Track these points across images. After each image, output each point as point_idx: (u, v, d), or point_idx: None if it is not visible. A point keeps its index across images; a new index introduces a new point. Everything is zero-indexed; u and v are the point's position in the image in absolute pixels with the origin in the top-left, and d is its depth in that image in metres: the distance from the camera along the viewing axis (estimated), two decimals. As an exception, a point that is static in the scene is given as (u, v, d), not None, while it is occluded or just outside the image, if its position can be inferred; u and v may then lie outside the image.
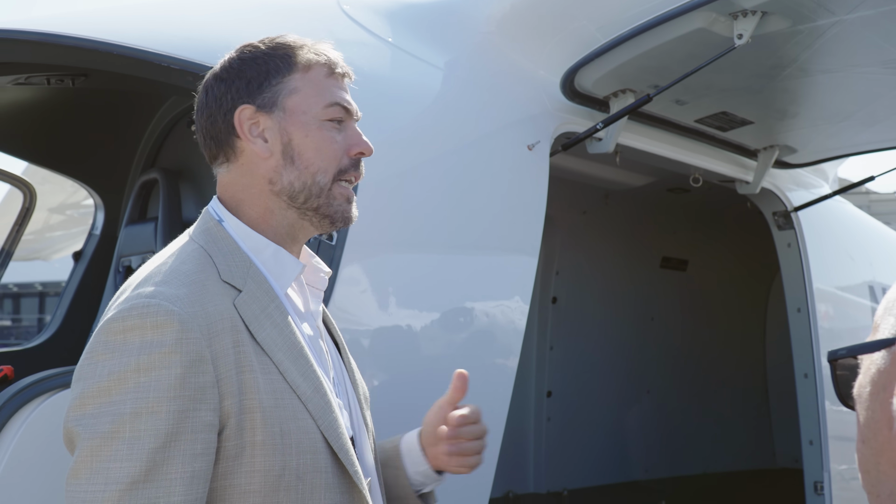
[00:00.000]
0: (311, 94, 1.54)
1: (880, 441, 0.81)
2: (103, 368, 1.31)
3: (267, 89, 1.53)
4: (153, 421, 1.29)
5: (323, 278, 1.64)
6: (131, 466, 1.27)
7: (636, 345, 5.35)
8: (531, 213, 2.86)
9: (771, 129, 3.68)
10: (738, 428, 5.81)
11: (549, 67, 2.99)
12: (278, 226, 1.55)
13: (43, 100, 3.13)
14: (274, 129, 1.53)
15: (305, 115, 1.54)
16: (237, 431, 1.35)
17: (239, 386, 1.36)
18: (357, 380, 1.69)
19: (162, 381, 1.30)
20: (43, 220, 5.55)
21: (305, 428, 1.41)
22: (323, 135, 1.54)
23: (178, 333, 1.32)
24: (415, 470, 1.75)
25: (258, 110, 1.53)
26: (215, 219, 1.53)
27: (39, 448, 2.03)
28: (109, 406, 1.29)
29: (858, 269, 4.84)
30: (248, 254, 1.50)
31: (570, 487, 4.93)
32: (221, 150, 1.56)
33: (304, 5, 2.93)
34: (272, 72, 1.54)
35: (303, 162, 1.53)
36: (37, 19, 2.60)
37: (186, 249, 1.48)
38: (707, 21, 2.58)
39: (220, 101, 1.55)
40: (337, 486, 1.44)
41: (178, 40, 2.43)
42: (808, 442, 3.95)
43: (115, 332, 1.33)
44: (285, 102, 1.53)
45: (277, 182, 1.53)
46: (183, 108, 3.16)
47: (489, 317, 2.74)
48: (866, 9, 2.42)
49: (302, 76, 1.55)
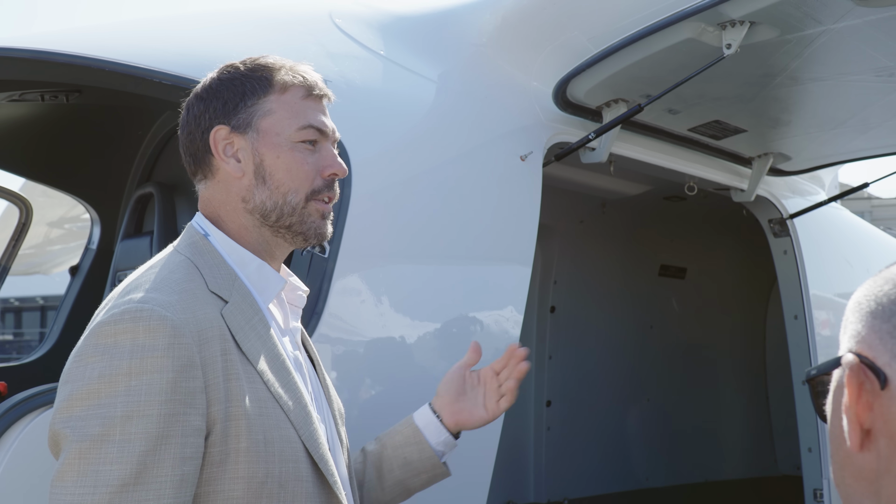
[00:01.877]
0: (284, 117, 1.57)
1: (842, 456, 0.83)
2: (93, 371, 1.33)
3: (242, 110, 1.56)
4: (144, 424, 1.30)
5: (301, 296, 1.68)
6: (121, 469, 1.28)
7: (635, 353, 5.35)
8: (525, 223, 2.87)
9: (764, 137, 3.69)
10: (739, 435, 5.80)
11: (541, 78, 3.01)
12: (255, 242, 1.58)
13: (38, 116, 3.15)
14: (247, 150, 1.56)
15: (278, 136, 1.56)
16: (222, 438, 1.37)
17: (226, 393, 1.38)
18: (332, 396, 1.72)
19: (154, 385, 1.31)
20: (43, 234, 5.57)
21: (288, 437, 1.43)
22: (294, 156, 1.57)
23: (171, 338, 1.34)
24: (436, 440, 1.89)
25: (232, 131, 1.57)
26: (200, 233, 1.57)
27: (33, 464, 2.03)
28: (98, 409, 1.30)
29: (856, 276, 4.84)
30: (234, 267, 1.53)
31: (571, 497, 4.92)
32: (199, 167, 1.61)
33: (295, 19, 2.94)
34: (248, 93, 1.57)
35: (274, 182, 1.56)
36: (31, 36, 2.62)
37: (174, 260, 1.50)
38: (696, 31, 2.59)
39: (198, 119, 1.59)
40: (316, 494, 1.47)
41: (170, 56, 2.45)
42: (807, 449, 3.95)
43: (106, 336, 1.35)
44: (259, 123, 1.56)
45: (250, 201, 1.56)
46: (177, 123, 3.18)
47: (483, 327, 2.75)
48: (853, 18, 2.43)
49: (277, 98, 1.58)
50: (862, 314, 0.84)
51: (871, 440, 0.80)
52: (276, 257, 1.62)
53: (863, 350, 0.82)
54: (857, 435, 0.80)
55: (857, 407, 0.80)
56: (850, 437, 0.80)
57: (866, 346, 0.82)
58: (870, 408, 0.79)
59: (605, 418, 5.18)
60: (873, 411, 0.79)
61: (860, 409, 0.80)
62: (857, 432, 0.80)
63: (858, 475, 0.81)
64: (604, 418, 5.18)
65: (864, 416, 0.80)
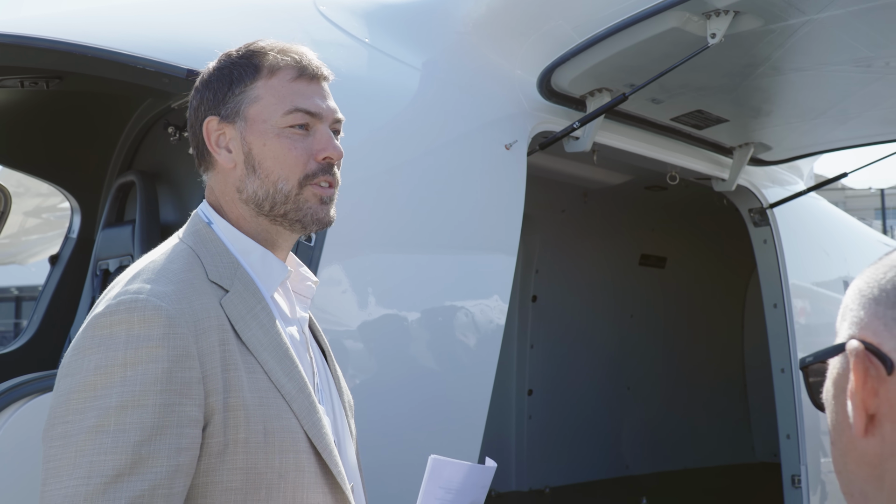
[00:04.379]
0: (271, 102, 1.53)
1: (844, 442, 0.84)
2: (90, 363, 1.32)
3: (230, 99, 1.54)
4: (139, 414, 1.29)
5: (310, 286, 1.65)
6: (116, 459, 1.27)
7: (616, 342, 5.38)
8: (509, 212, 2.88)
9: (745, 127, 3.72)
10: (718, 423, 5.86)
11: (525, 67, 3.01)
12: (254, 231, 1.56)
13: (17, 103, 3.10)
14: (236, 140, 1.54)
15: (265, 123, 1.52)
16: (221, 428, 1.36)
17: (224, 383, 1.37)
18: (343, 388, 1.70)
19: (148, 375, 1.30)
20: (18, 223, 5.50)
21: (289, 427, 1.42)
22: (281, 143, 1.52)
23: (166, 328, 1.33)
24: None
25: (222, 121, 1.54)
26: (204, 221, 1.55)
27: (17, 453, 2.02)
28: (94, 400, 1.29)
29: (833, 265, 4.90)
30: (236, 255, 1.51)
31: (553, 485, 4.96)
32: (201, 159, 1.59)
33: (280, 6, 2.92)
34: (235, 81, 1.54)
35: (263, 171, 1.52)
36: (13, 21, 2.59)
37: (175, 249, 1.49)
38: (680, 21, 2.60)
39: (196, 111, 1.58)
40: (319, 486, 1.45)
41: (153, 42, 2.42)
42: (785, 436, 3.99)
43: (103, 327, 1.34)
44: (247, 111, 1.53)
45: (244, 191, 1.54)
46: (159, 111, 3.15)
47: (468, 316, 2.75)
48: (836, 8, 2.45)
49: (265, 83, 1.53)
50: (864, 301, 0.85)
51: (876, 425, 0.81)
52: (280, 246, 1.58)
53: (866, 336, 0.83)
54: (861, 420, 0.81)
55: (862, 392, 0.81)
56: (854, 423, 0.82)
57: (870, 332, 0.83)
58: (875, 393, 0.81)
59: (586, 407, 5.22)
60: (878, 396, 0.81)
61: (866, 394, 0.81)
62: (862, 418, 0.81)
63: (861, 460, 0.82)
64: (585, 407, 5.21)
65: (869, 401, 0.81)
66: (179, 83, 2.32)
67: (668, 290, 5.63)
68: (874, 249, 6.02)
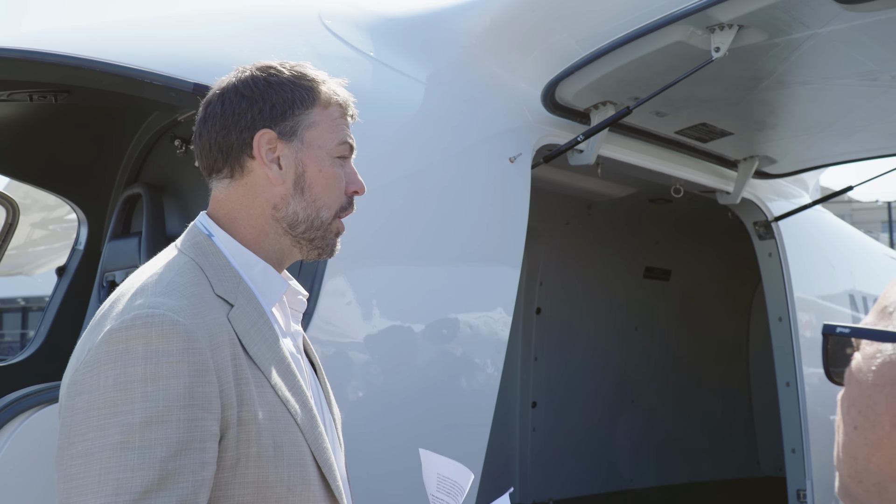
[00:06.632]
0: (327, 130, 1.59)
1: (878, 434, 0.81)
2: (107, 379, 1.31)
3: (290, 118, 1.56)
4: (164, 430, 1.29)
5: (301, 300, 1.67)
6: (144, 476, 1.26)
7: (620, 354, 5.37)
8: (514, 224, 2.88)
9: (750, 140, 3.73)
10: (723, 436, 5.84)
11: (530, 80, 3.02)
12: (269, 249, 1.57)
13: (26, 116, 3.13)
14: (290, 158, 1.56)
15: (321, 149, 1.58)
16: (234, 442, 1.37)
17: (237, 398, 1.38)
18: (332, 401, 1.72)
19: (171, 391, 1.30)
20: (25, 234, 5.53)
21: (296, 441, 1.44)
22: (334, 172, 1.59)
23: (184, 343, 1.33)
24: None
25: (278, 137, 1.56)
26: (204, 233, 1.55)
27: (24, 465, 2.02)
28: (115, 416, 1.29)
29: (839, 278, 4.89)
30: (238, 269, 1.52)
31: (556, 497, 4.94)
32: (228, 164, 1.56)
33: (285, 20, 2.94)
34: (297, 102, 1.57)
35: (312, 195, 1.57)
36: (20, 36, 2.61)
37: (179, 262, 1.48)
38: (685, 34, 2.61)
39: (238, 116, 1.55)
40: (320, 498, 1.47)
41: (160, 56, 2.44)
42: (790, 450, 3.98)
43: (118, 342, 1.33)
44: (304, 134, 1.57)
45: (282, 209, 1.56)
46: (166, 124, 3.17)
47: (472, 328, 2.75)
48: (840, 22, 2.46)
49: (321, 111, 1.59)
50: None
51: None
52: (283, 265, 1.62)
53: None
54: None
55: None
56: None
57: None
58: None
59: (590, 419, 5.21)
60: None
61: None
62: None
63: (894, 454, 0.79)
64: (589, 419, 5.20)
65: None
66: (186, 97, 2.33)
67: (672, 303, 5.62)
68: (881, 263, 6.01)
